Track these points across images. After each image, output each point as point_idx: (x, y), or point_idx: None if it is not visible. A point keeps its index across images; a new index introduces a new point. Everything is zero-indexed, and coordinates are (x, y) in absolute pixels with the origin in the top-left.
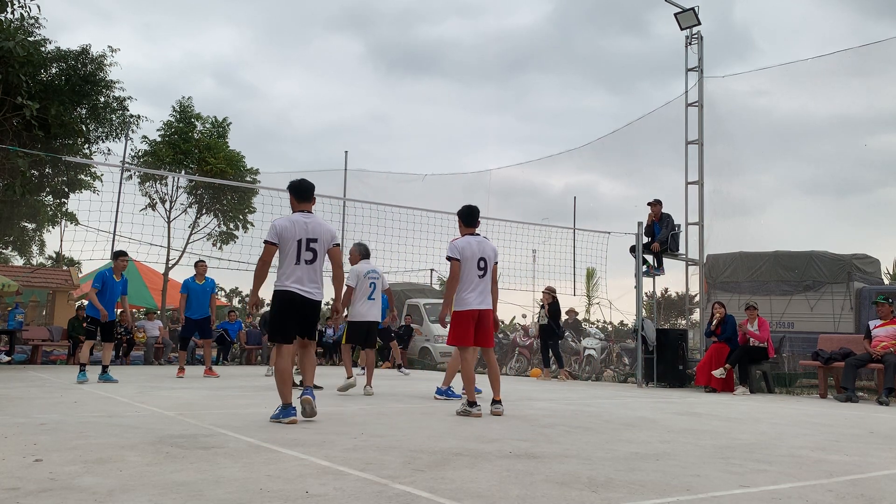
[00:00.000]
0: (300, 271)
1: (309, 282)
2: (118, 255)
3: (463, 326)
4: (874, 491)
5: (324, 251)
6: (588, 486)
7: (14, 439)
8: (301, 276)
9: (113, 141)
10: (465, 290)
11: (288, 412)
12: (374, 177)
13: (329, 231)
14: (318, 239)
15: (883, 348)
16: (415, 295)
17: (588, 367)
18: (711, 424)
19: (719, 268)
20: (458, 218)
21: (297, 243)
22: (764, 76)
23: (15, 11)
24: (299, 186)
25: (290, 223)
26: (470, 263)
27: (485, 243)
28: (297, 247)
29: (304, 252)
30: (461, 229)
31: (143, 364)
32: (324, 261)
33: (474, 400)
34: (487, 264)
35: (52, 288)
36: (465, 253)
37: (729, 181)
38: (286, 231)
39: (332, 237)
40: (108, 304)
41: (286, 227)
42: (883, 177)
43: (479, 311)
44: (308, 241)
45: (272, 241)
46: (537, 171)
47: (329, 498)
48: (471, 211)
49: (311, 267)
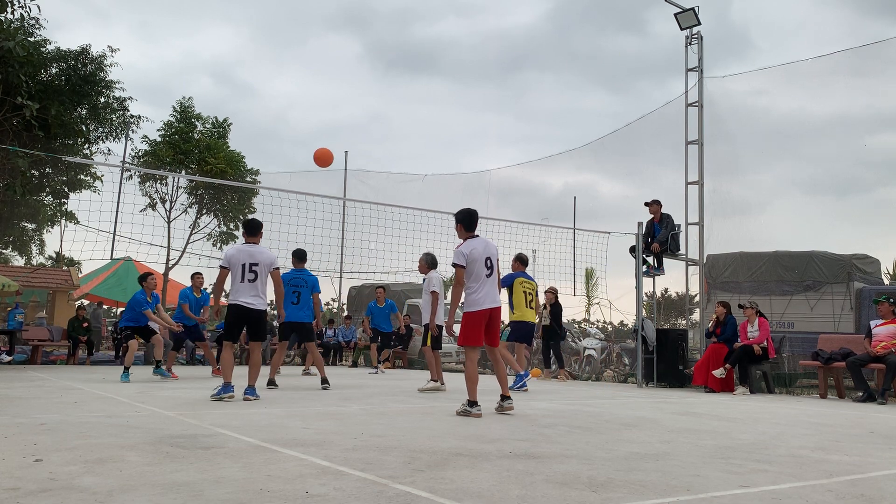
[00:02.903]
0: (245, 287)
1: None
2: (146, 278)
3: (475, 327)
4: (874, 491)
5: (265, 273)
6: (588, 486)
7: (14, 439)
8: (245, 290)
9: (113, 141)
10: (476, 291)
11: (227, 389)
12: (374, 177)
13: (269, 257)
14: (259, 263)
15: (883, 348)
16: (415, 295)
17: (588, 368)
18: (711, 424)
19: (719, 268)
20: (458, 223)
21: (242, 266)
22: (764, 76)
23: (15, 12)
24: (248, 224)
25: (236, 251)
26: (478, 265)
27: (489, 243)
28: (241, 269)
29: (248, 273)
30: (461, 233)
31: (143, 364)
32: (266, 280)
33: (475, 399)
34: (494, 264)
35: (52, 288)
36: (473, 255)
37: (729, 181)
38: (233, 258)
39: (271, 262)
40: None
41: (233, 254)
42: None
43: (490, 311)
44: (251, 265)
45: (224, 266)
46: (537, 170)
47: (329, 498)
48: (471, 215)
49: (253, 284)
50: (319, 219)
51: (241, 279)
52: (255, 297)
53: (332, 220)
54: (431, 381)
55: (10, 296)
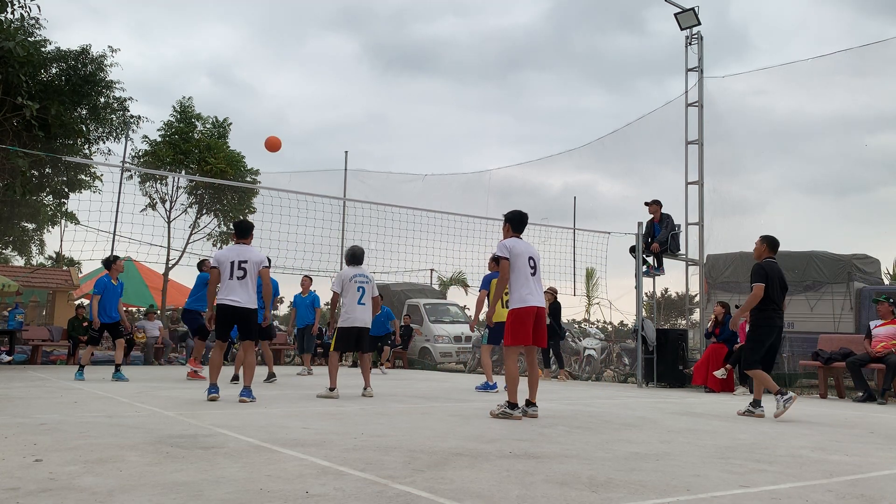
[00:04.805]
0: (232, 285)
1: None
2: (116, 260)
3: (522, 324)
4: (874, 491)
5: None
6: (588, 486)
7: (14, 439)
8: (232, 288)
9: (113, 141)
10: (522, 288)
11: (210, 390)
12: (374, 177)
13: (259, 256)
14: (249, 261)
15: (883, 348)
16: (415, 295)
17: (588, 368)
18: (711, 424)
19: (719, 268)
20: (507, 222)
21: (231, 264)
22: (764, 76)
23: (15, 11)
24: (238, 226)
25: (226, 250)
26: (521, 260)
27: (529, 245)
28: (230, 267)
29: (237, 270)
30: (507, 234)
31: (143, 364)
32: (255, 279)
33: (516, 402)
34: (537, 263)
35: (52, 288)
36: (516, 250)
37: (729, 181)
38: (222, 256)
39: (260, 261)
40: (111, 308)
41: (223, 253)
42: (883, 176)
43: (536, 309)
44: (240, 263)
45: (213, 266)
46: (536, 170)
47: (329, 498)
48: (521, 217)
49: (242, 282)
50: (319, 219)
51: (229, 276)
52: (244, 294)
53: (332, 220)
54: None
55: (10, 296)
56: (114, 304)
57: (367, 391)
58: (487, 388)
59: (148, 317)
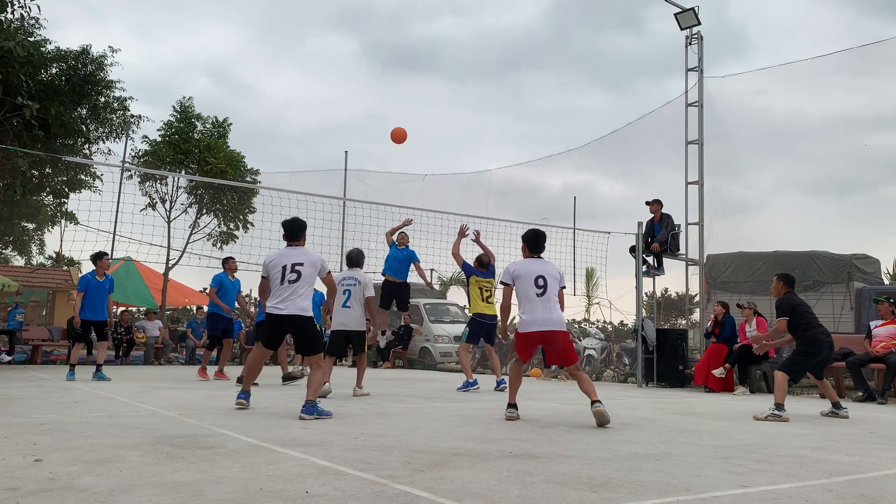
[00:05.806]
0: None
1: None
2: (102, 256)
3: (521, 349)
4: (874, 491)
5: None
6: (588, 486)
7: (14, 439)
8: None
9: (113, 141)
10: (524, 313)
11: (242, 395)
12: (374, 177)
13: (316, 258)
14: (304, 263)
15: (883, 348)
16: (415, 295)
17: (588, 367)
18: (711, 424)
19: (719, 268)
20: (523, 242)
21: (283, 269)
22: (763, 76)
23: (15, 11)
24: (289, 226)
25: (276, 254)
26: (526, 282)
27: (547, 263)
28: (281, 271)
29: (289, 273)
30: (524, 254)
31: (143, 364)
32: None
33: (514, 403)
34: (548, 281)
35: (52, 288)
36: (519, 272)
37: (729, 181)
38: (271, 262)
39: (319, 265)
40: (97, 306)
41: (273, 258)
42: (883, 176)
43: (539, 334)
44: (293, 265)
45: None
46: (536, 170)
47: (329, 498)
48: (535, 237)
49: (293, 286)
50: (319, 219)
51: (280, 282)
52: (297, 301)
53: (332, 220)
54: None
55: (10, 296)
56: (100, 302)
57: (358, 390)
58: (468, 385)
59: (148, 317)
